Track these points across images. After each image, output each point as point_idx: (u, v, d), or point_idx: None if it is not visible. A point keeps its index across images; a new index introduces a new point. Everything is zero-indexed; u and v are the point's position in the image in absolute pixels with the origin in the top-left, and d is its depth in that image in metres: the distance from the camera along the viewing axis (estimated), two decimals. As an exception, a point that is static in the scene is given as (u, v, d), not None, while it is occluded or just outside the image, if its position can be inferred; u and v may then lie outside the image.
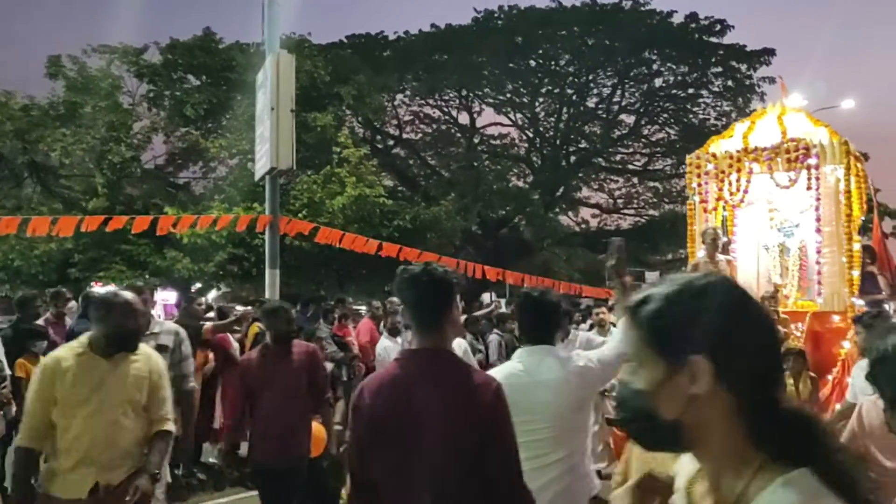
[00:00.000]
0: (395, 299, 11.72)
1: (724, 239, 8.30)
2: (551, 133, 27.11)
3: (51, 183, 18.17)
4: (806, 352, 6.31)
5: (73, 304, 7.60)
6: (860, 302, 7.74)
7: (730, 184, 8.13)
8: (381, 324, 9.72)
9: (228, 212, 15.31)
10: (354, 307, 20.13)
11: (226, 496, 7.50)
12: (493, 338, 9.57)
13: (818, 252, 7.96)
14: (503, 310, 12.24)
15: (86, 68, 17.52)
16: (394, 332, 8.22)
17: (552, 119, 27.05)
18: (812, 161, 7.63)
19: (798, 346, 6.56)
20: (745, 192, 8.07)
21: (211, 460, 8.20)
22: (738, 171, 8.06)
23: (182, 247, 15.68)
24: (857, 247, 8.09)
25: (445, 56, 25.28)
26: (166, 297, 24.52)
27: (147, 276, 16.80)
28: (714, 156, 8.32)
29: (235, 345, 7.99)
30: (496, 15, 25.74)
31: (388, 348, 7.88)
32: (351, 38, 25.85)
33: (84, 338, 3.50)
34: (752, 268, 8.82)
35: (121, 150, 16.25)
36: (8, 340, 6.41)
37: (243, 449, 8.13)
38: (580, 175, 26.91)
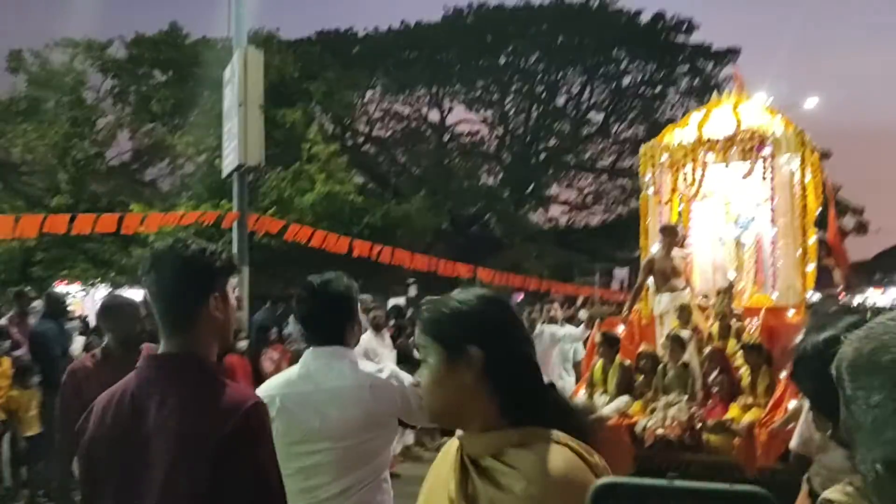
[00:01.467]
0: (367, 296, 11.72)
1: (679, 234, 8.13)
2: (521, 130, 27.22)
3: (12, 180, 17.77)
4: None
5: (36, 303, 7.45)
6: (816, 296, 7.70)
7: (685, 175, 7.84)
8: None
9: (196, 208, 15.11)
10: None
11: None
12: None
13: (773, 245, 7.79)
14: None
15: (48, 63, 17.17)
16: (378, 328, 8.03)
17: (522, 116, 27.17)
18: (767, 151, 7.45)
19: (756, 340, 6.60)
20: (701, 183, 7.79)
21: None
22: (693, 161, 7.77)
23: (149, 245, 15.44)
24: (812, 240, 7.94)
25: (415, 53, 25.27)
26: (133, 295, 24.09)
27: (113, 275, 16.54)
28: (668, 146, 8.01)
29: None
30: (465, 13, 25.80)
31: (373, 347, 7.63)
32: (321, 35, 25.69)
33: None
34: (708, 262, 8.67)
35: (84, 147, 15.96)
36: (-32, 340, 6.28)
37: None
38: (550, 172, 27.08)
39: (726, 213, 8.42)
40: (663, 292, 7.57)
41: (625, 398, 6.85)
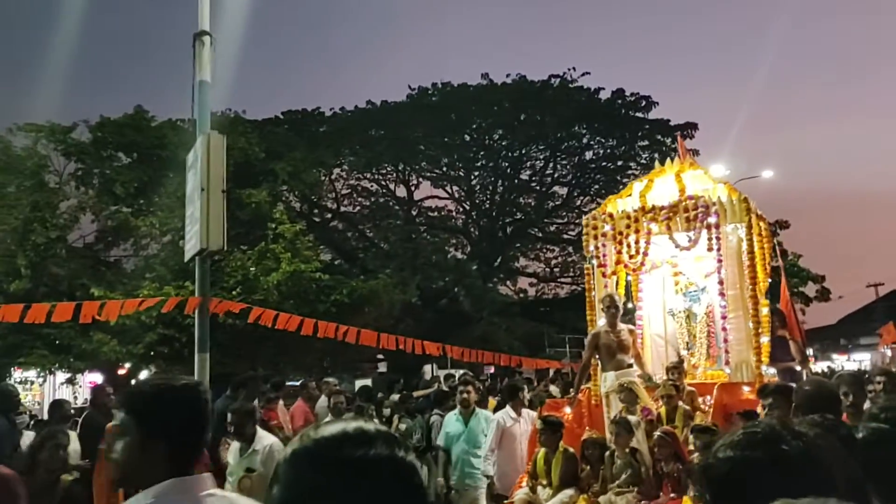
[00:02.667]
0: (331, 379, 11.48)
1: (621, 306, 7.65)
2: (487, 205, 27.58)
3: (-31, 264, 17.38)
4: (718, 427, 5.69)
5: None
6: (772, 370, 7.38)
7: (628, 246, 7.48)
8: (318, 403, 9.46)
9: (159, 291, 14.87)
10: (290, 384, 19.64)
11: None
12: (436, 418, 9.03)
13: (724, 318, 7.38)
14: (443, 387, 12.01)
15: (10, 147, 17.06)
16: (339, 414, 7.96)
17: (488, 191, 27.57)
18: (712, 220, 7.10)
19: (707, 422, 6.00)
20: (645, 254, 7.43)
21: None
22: (637, 231, 7.42)
23: (109, 328, 15.09)
24: (765, 311, 7.61)
25: (382, 131, 25.67)
26: (93, 378, 23.46)
27: (72, 360, 16.09)
28: (611, 216, 7.70)
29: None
30: (430, 92, 26.39)
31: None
32: (287, 114, 26.04)
33: None
34: (660, 336, 8.34)
35: (45, 231, 15.74)
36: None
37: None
38: (517, 245, 27.34)
39: (675, 285, 8.16)
40: (609, 370, 7.17)
41: (569, 491, 6.23)
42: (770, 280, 8.49)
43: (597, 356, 7.37)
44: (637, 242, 7.42)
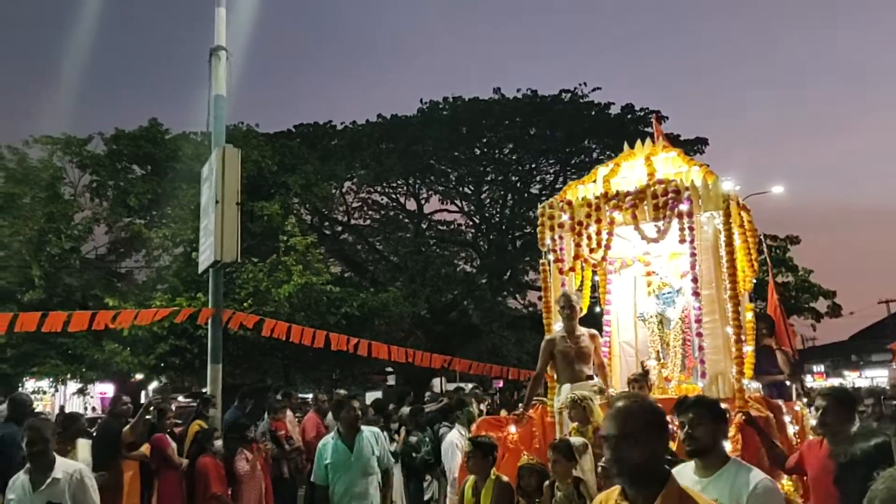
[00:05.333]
0: (342, 391, 11.55)
1: (580, 308, 6.76)
2: (497, 219, 27.63)
3: (-16, 275, 17.58)
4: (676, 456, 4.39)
5: (2, 407, 7.27)
6: (755, 385, 6.49)
7: (588, 237, 6.53)
8: (327, 416, 9.53)
9: (171, 302, 15.00)
10: (301, 395, 19.70)
11: None
12: (444, 430, 8.82)
13: (698, 321, 6.31)
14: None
15: (26, 159, 17.30)
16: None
17: (498, 205, 27.62)
18: (684, 207, 6.13)
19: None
20: (607, 247, 6.47)
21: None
22: (598, 221, 6.48)
23: (121, 339, 15.23)
24: (749, 316, 6.80)
25: (392, 145, 25.80)
26: (104, 388, 23.56)
27: (84, 370, 16.22)
28: (569, 204, 6.75)
29: (173, 445, 7.72)
30: (441, 106, 26.53)
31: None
32: (299, 128, 26.24)
33: None
34: (629, 344, 7.52)
35: (60, 242, 15.92)
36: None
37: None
38: (526, 259, 27.28)
39: (648, 286, 7.28)
40: (564, 382, 6.32)
41: None
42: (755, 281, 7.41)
43: (552, 366, 6.53)
44: (598, 234, 6.49)
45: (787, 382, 7.47)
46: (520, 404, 7.24)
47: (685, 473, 3.30)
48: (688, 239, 6.15)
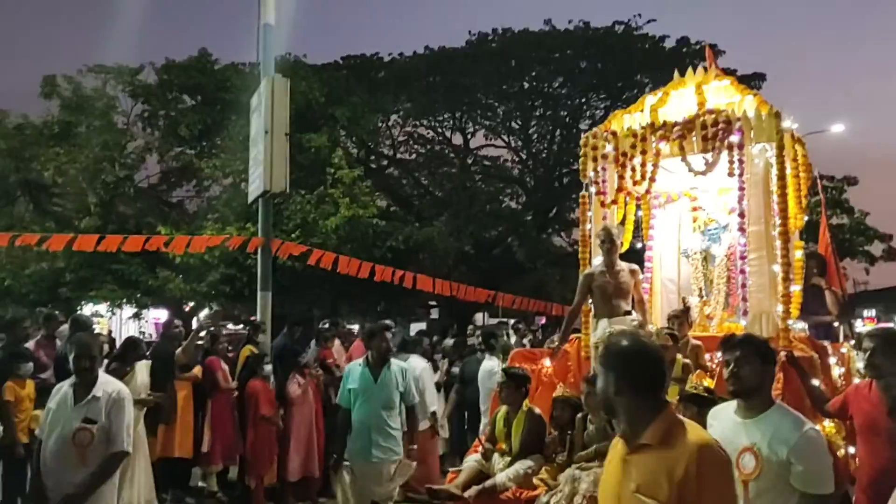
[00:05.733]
0: (388, 322, 11.75)
1: (620, 242, 6.53)
2: (544, 155, 27.23)
3: (43, 202, 18.15)
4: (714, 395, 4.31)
5: (64, 327, 7.58)
6: (800, 325, 6.25)
7: (632, 169, 6.27)
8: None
9: (221, 232, 15.31)
10: (347, 326, 20.10)
11: (215, 520, 7.47)
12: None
13: (743, 258, 6.09)
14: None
15: (81, 88, 17.59)
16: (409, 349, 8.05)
17: (545, 141, 27.18)
18: (735, 138, 5.85)
19: (699, 386, 4.64)
20: (652, 179, 6.22)
21: (200, 484, 8.17)
22: (643, 152, 6.20)
23: (174, 266, 15.66)
24: (798, 254, 6.49)
25: (439, 78, 25.43)
26: (158, 315, 24.44)
27: (139, 296, 16.78)
28: (614, 134, 6.46)
29: (225, 368, 7.98)
30: (490, 38, 25.93)
31: (423, 367, 7.94)
32: (346, 59, 25.98)
33: None
34: (672, 280, 7.26)
35: (114, 170, 16.29)
36: (-5, 363, 6.42)
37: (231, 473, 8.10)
38: (573, 196, 27.00)
39: (693, 221, 7.05)
40: (601, 317, 6.18)
41: (528, 462, 5.11)
42: (807, 219, 7.23)
43: (590, 301, 6.39)
44: (643, 166, 6.21)
45: (836, 324, 7.25)
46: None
47: (725, 413, 3.21)
48: (737, 172, 5.90)
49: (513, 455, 5.24)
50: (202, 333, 7.97)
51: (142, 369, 7.15)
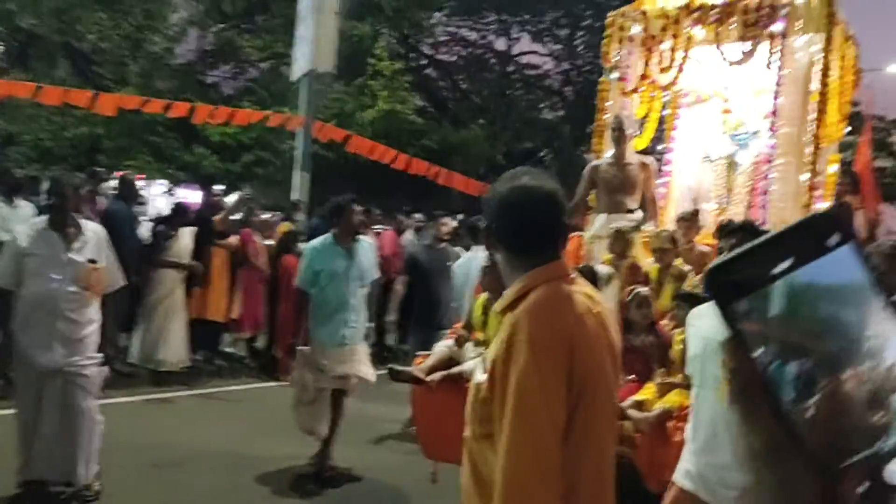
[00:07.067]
0: (418, 215, 11.81)
1: (632, 132, 6.01)
2: (588, 67, 26.52)
3: (83, 67, 18.11)
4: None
5: (108, 184, 7.73)
6: None
7: (660, 55, 5.69)
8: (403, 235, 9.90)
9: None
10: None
11: (242, 384, 7.82)
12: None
13: (768, 162, 5.51)
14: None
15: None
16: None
17: (590, 53, 26.42)
18: (778, 27, 5.22)
19: (697, 284, 4.42)
20: (681, 68, 5.63)
21: (228, 350, 8.50)
22: (675, 36, 5.57)
23: (209, 144, 15.75)
24: (833, 168, 5.89)
25: (490, -25, 24.57)
26: (187, 194, 24.73)
27: (173, 170, 16.97)
28: (643, 14, 5.81)
29: (257, 241, 8.13)
30: (546, -62, 24.86)
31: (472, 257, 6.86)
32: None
33: None
34: (690, 188, 6.72)
35: (156, 40, 16.15)
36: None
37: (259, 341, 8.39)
38: (613, 113, 26.64)
39: (723, 123, 6.43)
40: (601, 212, 5.78)
41: None
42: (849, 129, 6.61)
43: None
44: (673, 51, 5.61)
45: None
46: None
47: (713, 310, 2.82)
48: (775, 65, 5.31)
49: (489, 345, 4.82)
50: (240, 204, 8.12)
51: (186, 234, 7.35)
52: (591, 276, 4.43)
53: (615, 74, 6.18)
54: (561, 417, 1.61)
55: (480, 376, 1.76)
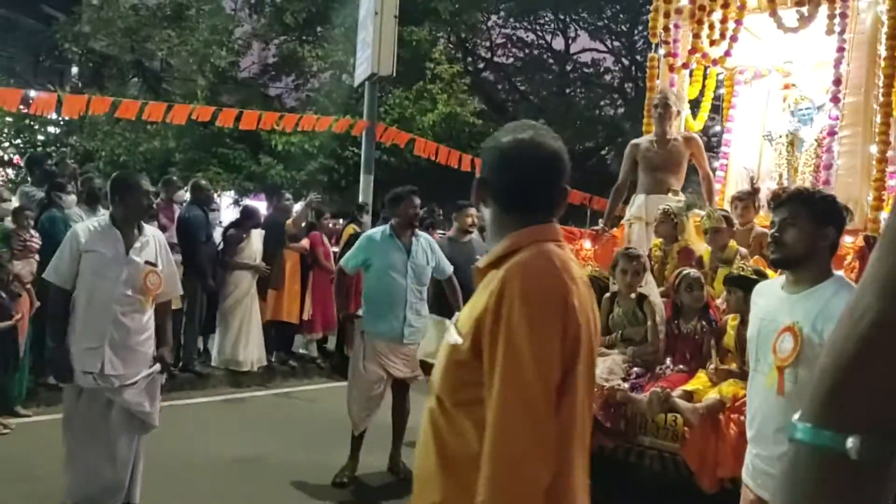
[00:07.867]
0: (473, 210, 11.82)
1: (678, 109, 5.73)
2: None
3: (153, 84, 18.77)
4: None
5: (181, 192, 7.98)
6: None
7: (711, 26, 5.36)
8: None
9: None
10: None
11: (315, 384, 7.97)
12: None
13: (832, 134, 5.10)
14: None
15: (189, -31, 17.77)
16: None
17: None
18: None
19: (747, 268, 3.99)
20: (733, 39, 5.30)
21: (301, 351, 8.67)
22: (725, 6, 5.24)
23: (276, 154, 16.11)
24: None
25: (547, -27, 24.46)
26: (255, 204, 25.30)
27: (242, 181, 17.42)
28: None
29: (326, 243, 8.30)
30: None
31: None
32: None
33: None
34: (749, 169, 6.26)
35: (222, 55, 16.62)
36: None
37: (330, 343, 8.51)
38: (675, 108, 26.12)
39: (783, 101, 6.07)
40: (640, 192, 5.54)
41: None
42: None
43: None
44: (724, 21, 5.26)
45: None
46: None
47: (771, 288, 2.63)
48: (837, 29, 4.92)
49: None
50: (311, 207, 8.31)
51: (256, 237, 7.57)
52: (634, 259, 4.30)
53: (662, 50, 5.95)
54: (555, 378, 1.46)
55: (455, 337, 1.58)
